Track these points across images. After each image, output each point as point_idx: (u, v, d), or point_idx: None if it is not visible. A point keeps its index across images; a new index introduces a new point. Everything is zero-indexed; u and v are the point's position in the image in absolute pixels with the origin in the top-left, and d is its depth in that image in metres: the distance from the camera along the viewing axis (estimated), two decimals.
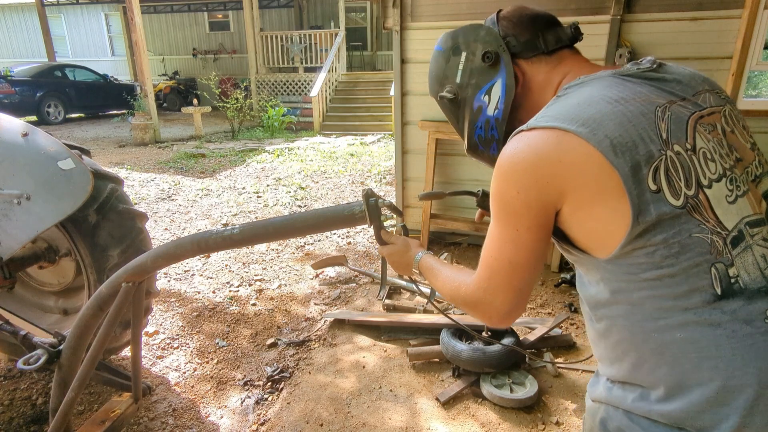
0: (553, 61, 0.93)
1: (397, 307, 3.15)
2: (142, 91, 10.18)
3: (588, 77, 0.85)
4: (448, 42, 1.01)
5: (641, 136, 0.73)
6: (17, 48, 18.76)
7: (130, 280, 1.47)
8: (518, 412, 2.23)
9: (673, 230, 0.72)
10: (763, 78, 13.00)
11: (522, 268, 0.81)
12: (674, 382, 0.74)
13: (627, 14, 3.27)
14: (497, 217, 0.83)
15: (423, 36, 3.73)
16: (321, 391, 2.42)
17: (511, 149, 0.80)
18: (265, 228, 1.27)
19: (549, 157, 0.76)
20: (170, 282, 3.69)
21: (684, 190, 0.73)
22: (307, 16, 16.31)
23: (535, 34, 0.93)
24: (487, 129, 0.99)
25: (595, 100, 0.78)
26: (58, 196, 1.79)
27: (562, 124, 0.76)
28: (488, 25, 0.97)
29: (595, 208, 0.75)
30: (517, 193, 0.78)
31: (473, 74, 0.97)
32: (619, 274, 0.76)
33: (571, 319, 3.02)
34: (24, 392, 2.37)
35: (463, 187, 3.93)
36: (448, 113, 1.06)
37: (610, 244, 0.75)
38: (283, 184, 6.66)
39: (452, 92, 1.01)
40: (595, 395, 0.89)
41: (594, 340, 0.89)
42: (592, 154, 0.73)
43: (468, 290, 0.88)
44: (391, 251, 1.15)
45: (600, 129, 0.73)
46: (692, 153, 0.75)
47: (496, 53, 0.93)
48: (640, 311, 0.76)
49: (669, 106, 0.78)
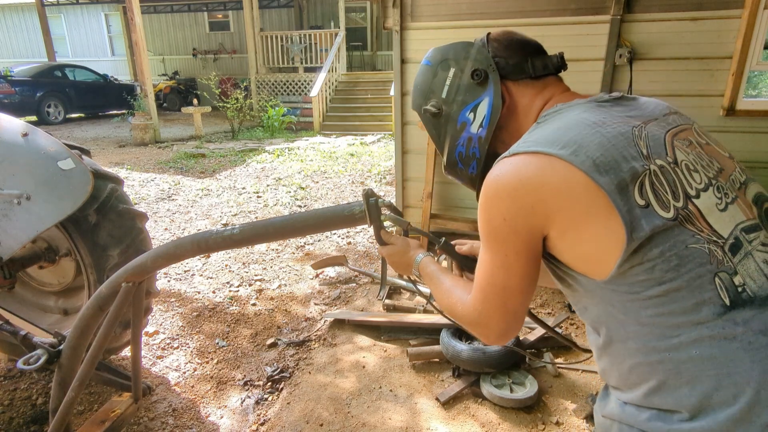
0: (538, 86, 0.95)
1: (397, 307, 3.15)
2: (142, 91, 10.18)
3: (565, 105, 0.87)
4: (437, 57, 1.01)
5: (622, 155, 0.74)
6: (17, 48, 18.76)
7: (130, 280, 1.47)
8: (518, 412, 2.23)
9: (668, 243, 0.71)
10: (763, 78, 13.00)
11: (515, 292, 0.82)
12: (695, 402, 0.71)
13: (627, 14, 3.27)
14: (486, 243, 0.84)
15: (423, 36, 3.73)
16: (321, 391, 2.42)
17: (495, 175, 0.81)
18: (265, 228, 1.27)
19: (532, 181, 0.77)
20: (170, 282, 3.69)
21: (672, 202, 0.73)
22: (307, 16, 16.31)
23: (524, 58, 0.94)
24: (469, 147, 1.00)
25: (573, 124, 0.80)
26: (58, 196, 1.79)
27: (543, 148, 0.77)
28: (478, 44, 0.97)
29: (584, 230, 0.75)
30: (504, 220, 0.79)
31: (460, 91, 0.98)
32: (622, 294, 0.75)
33: (571, 319, 3.02)
34: (24, 392, 2.37)
35: (463, 187, 3.94)
36: (429, 128, 1.05)
37: (606, 265, 0.74)
38: (283, 184, 6.66)
39: (437, 107, 1.01)
40: (606, 411, 0.86)
41: (605, 368, 0.85)
42: (576, 175, 0.73)
43: (464, 310, 0.89)
44: (391, 252, 1.15)
45: (581, 150, 0.74)
46: (675, 165, 0.77)
47: (485, 72, 0.94)
48: (650, 331, 0.74)
49: (644, 126, 0.80)
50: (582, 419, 2.18)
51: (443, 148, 1.05)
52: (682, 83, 3.30)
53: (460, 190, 3.96)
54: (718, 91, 3.27)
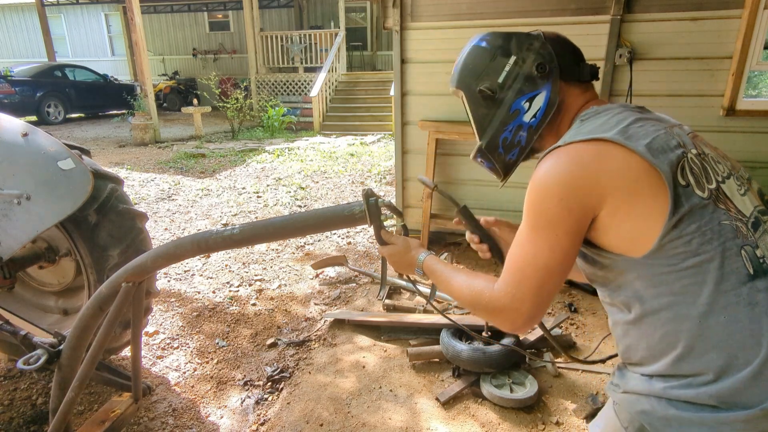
0: (582, 88, 1.03)
1: (397, 307, 3.15)
2: (142, 91, 10.17)
3: (601, 107, 0.97)
4: (498, 41, 1.04)
5: (667, 143, 0.85)
6: (17, 48, 18.76)
7: (130, 280, 1.47)
8: (518, 412, 2.23)
9: (704, 219, 0.80)
10: (763, 78, 13.00)
11: (554, 274, 0.87)
12: (722, 364, 0.79)
13: (627, 14, 3.27)
14: (534, 224, 0.88)
15: (423, 36, 3.73)
16: (321, 391, 2.42)
17: (552, 162, 0.88)
18: (265, 228, 1.27)
19: (592, 164, 0.84)
20: (170, 282, 3.69)
21: (706, 185, 0.83)
22: (307, 16, 16.30)
23: (576, 61, 1.03)
24: (516, 134, 1.04)
25: (621, 118, 0.89)
26: (58, 196, 1.79)
27: (600, 135, 0.85)
28: (541, 39, 1.02)
29: (633, 208, 0.82)
30: (560, 200, 0.85)
31: (519, 79, 1.02)
32: (658, 268, 0.82)
33: (571, 319, 3.02)
34: (24, 392, 2.37)
35: (464, 187, 3.94)
36: (476, 108, 1.08)
37: (647, 240, 0.82)
38: (283, 184, 6.66)
39: (491, 89, 1.03)
40: (629, 387, 0.92)
41: (631, 344, 0.92)
42: (632, 158, 0.82)
43: (492, 296, 0.91)
44: (392, 251, 1.15)
45: (634, 137, 0.84)
46: (704, 156, 0.88)
47: (549, 67, 1.00)
48: (683, 299, 0.82)
49: (669, 128, 0.90)
50: (582, 419, 2.18)
51: (485, 130, 1.08)
52: (682, 83, 3.30)
53: (461, 190, 3.96)
54: (718, 91, 3.27)
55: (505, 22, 3.48)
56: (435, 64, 3.72)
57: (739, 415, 0.77)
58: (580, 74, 1.02)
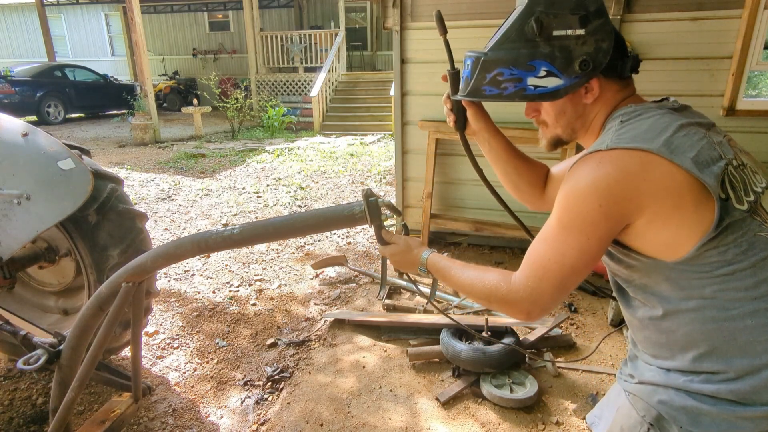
0: (621, 84, 1.00)
1: (397, 307, 3.15)
2: (142, 91, 10.17)
3: (640, 107, 0.94)
4: (597, 4, 0.93)
5: (710, 155, 0.84)
6: (17, 48, 18.76)
7: (130, 280, 1.47)
8: (518, 412, 2.23)
9: (741, 231, 0.82)
10: (763, 78, 13.00)
11: (578, 273, 0.89)
12: (745, 365, 0.81)
13: (627, 14, 3.27)
14: (569, 224, 0.88)
15: (423, 36, 3.73)
16: (321, 391, 2.42)
17: (595, 166, 0.86)
18: (265, 228, 1.27)
19: (635, 175, 0.83)
20: (170, 282, 3.69)
21: (745, 198, 0.84)
22: (307, 16, 16.30)
23: (620, 56, 0.97)
24: (512, 80, 0.95)
25: (666, 125, 0.87)
26: (58, 196, 1.79)
27: (645, 145, 0.84)
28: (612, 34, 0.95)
29: (672, 219, 0.83)
30: (599, 206, 0.85)
31: (563, 51, 0.92)
32: (690, 273, 0.84)
33: (571, 319, 3.02)
34: (24, 392, 2.37)
35: (464, 187, 3.94)
36: (516, 23, 0.95)
37: (682, 249, 0.83)
38: (283, 184, 6.66)
39: (539, 30, 0.92)
40: (645, 378, 0.94)
41: (648, 337, 0.93)
42: (677, 172, 0.82)
43: (510, 289, 0.92)
44: (394, 251, 1.14)
45: (679, 150, 0.83)
46: (743, 167, 0.88)
47: (592, 65, 0.92)
48: (711, 304, 0.83)
49: (708, 134, 0.89)
50: (582, 419, 2.18)
51: (500, 48, 0.97)
52: (682, 83, 3.30)
53: (461, 190, 3.96)
54: (718, 91, 3.27)
55: None
56: (435, 64, 3.72)
57: (758, 411, 0.80)
58: (623, 70, 0.97)
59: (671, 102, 0.96)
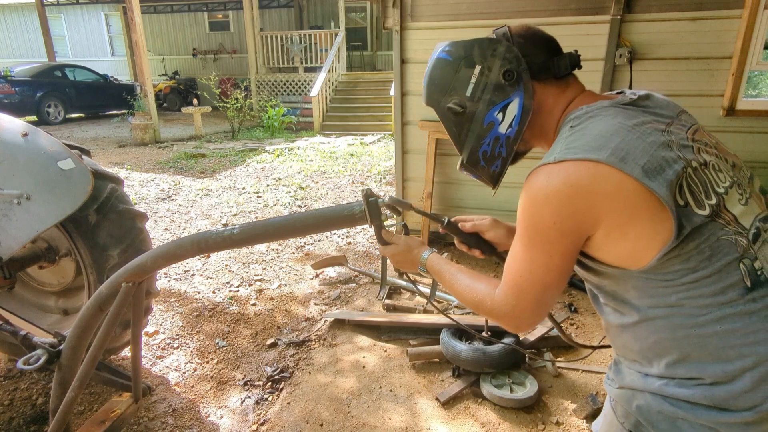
0: (561, 85, 0.96)
1: (397, 307, 3.15)
2: (142, 91, 10.17)
3: (592, 107, 0.89)
4: (460, 52, 0.97)
5: (665, 159, 0.79)
6: (17, 48, 18.75)
7: (130, 280, 1.47)
8: (518, 412, 2.23)
9: (703, 237, 0.78)
10: (763, 78, 13.00)
11: (552, 287, 0.87)
12: (719, 371, 0.79)
13: (627, 14, 3.27)
14: (530, 242, 0.86)
15: (423, 36, 3.73)
16: (321, 391, 2.42)
17: (545, 182, 0.83)
18: (265, 228, 1.27)
19: (585, 188, 0.80)
20: (170, 282, 3.69)
21: (706, 201, 0.80)
22: (307, 16, 16.30)
23: (549, 57, 0.94)
24: (495, 146, 0.99)
25: (615, 130, 0.83)
26: (58, 196, 1.79)
27: (592, 155, 0.80)
28: (505, 41, 0.95)
29: (629, 230, 0.80)
30: (554, 224, 0.83)
31: (488, 90, 0.95)
32: (655, 282, 0.82)
33: (571, 319, 3.02)
34: (24, 392, 2.37)
35: (463, 187, 3.94)
36: (449, 125, 1.03)
37: (644, 258, 0.80)
38: (283, 184, 6.66)
39: (460, 104, 0.98)
40: (625, 383, 0.92)
41: (625, 344, 0.91)
42: (626, 182, 0.78)
43: (494, 304, 0.92)
44: (394, 251, 1.14)
45: (629, 157, 0.79)
46: (705, 167, 0.83)
47: (518, 72, 0.92)
48: (679, 311, 0.81)
49: (669, 129, 0.85)
50: (582, 419, 2.18)
51: (464, 145, 1.03)
52: (682, 83, 3.30)
53: (461, 190, 3.96)
54: (718, 91, 3.27)
55: (505, 23, 3.47)
56: None
57: (737, 417, 0.78)
58: (557, 70, 0.94)
59: (628, 95, 0.91)
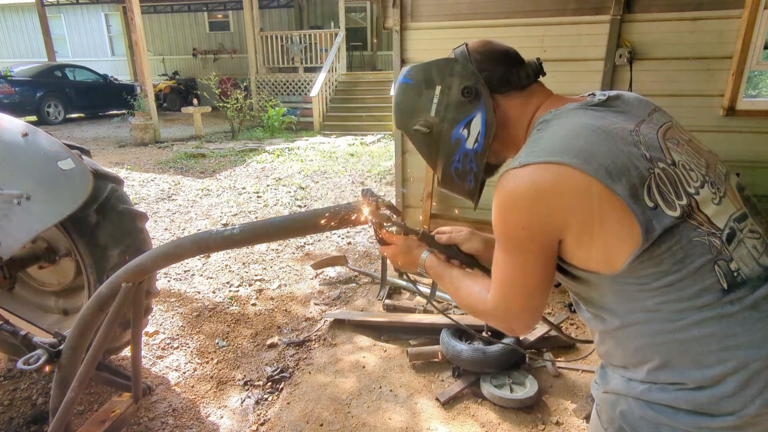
0: (524, 95, 0.96)
1: (397, 307, 3.15)
2: (142, 91, 10.17)
3: (558, 111, 0.89)
4: (420, 75, 0.99)
5: (630, 160, 0.78)
6: (17, 48, 18.75)
7: (130, 280, 1.47)
8: (518, 412, 2.23)
9: (674, 239, 0.76)
10: (763, 78, 12.99)
11: (536, 289, 0.86)
12: (699, 377, 0.78)
13: (627, 14, 3.26)
14: (506, 248, 0.87)
15: (423, 36, 3.73)
16: (321, 391, 2.42)
17: (511, 187, 0.83)
18: (265, 228, 1.27)
19: (548, 191, 0.79)
20: (170, 282, 3.69)
21: (677, 202, 0.78)
22: (307, 16, 16.30)
23: (508, 69, 0.95)
24: (466, 162, 1.00)
25: (579, 131, 0.82)
26: (58, 196, 1.79)
27: (555, 158, 0.79)
28: (462, 60, 0.96)
29: (598, 233, 0.79)
30: (522, 228, 0.82)
31: (450, 108, 0.97)
32: (630, 286, 0.80)
33: (571, 319, 3.02)
34: (24, 392, 2.37)
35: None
36: (420, 146, 1.05)
37: (616, 263, 0.79)
38: (283, 184, 6.66)
39: (426, 126, 1.00)
40: (609, 387, 0.91)
41: (609, 350, 0.90)
42: (590, 183, 0.77)
43: (487, 309, 0.92)
44: (394, 251, 1.15)
45: (593, 158, 0.78)
46: (674, 167, 0.82)
47: (476, 88, 0.94)
48: (657, 316, 0.80)
49: (638, 129, 0.84)
50: (582, 419, 2.18)
51: (436, 164, 1.05)
52: (682, 83, 3.30)
53: None
54: (718, 91, 3.26)
55: (505, 22, 3.48)
56: None
57: (720, 422, 0.77)
58: (517, 81, 0.95)
59: (597, 96, 0.91)
